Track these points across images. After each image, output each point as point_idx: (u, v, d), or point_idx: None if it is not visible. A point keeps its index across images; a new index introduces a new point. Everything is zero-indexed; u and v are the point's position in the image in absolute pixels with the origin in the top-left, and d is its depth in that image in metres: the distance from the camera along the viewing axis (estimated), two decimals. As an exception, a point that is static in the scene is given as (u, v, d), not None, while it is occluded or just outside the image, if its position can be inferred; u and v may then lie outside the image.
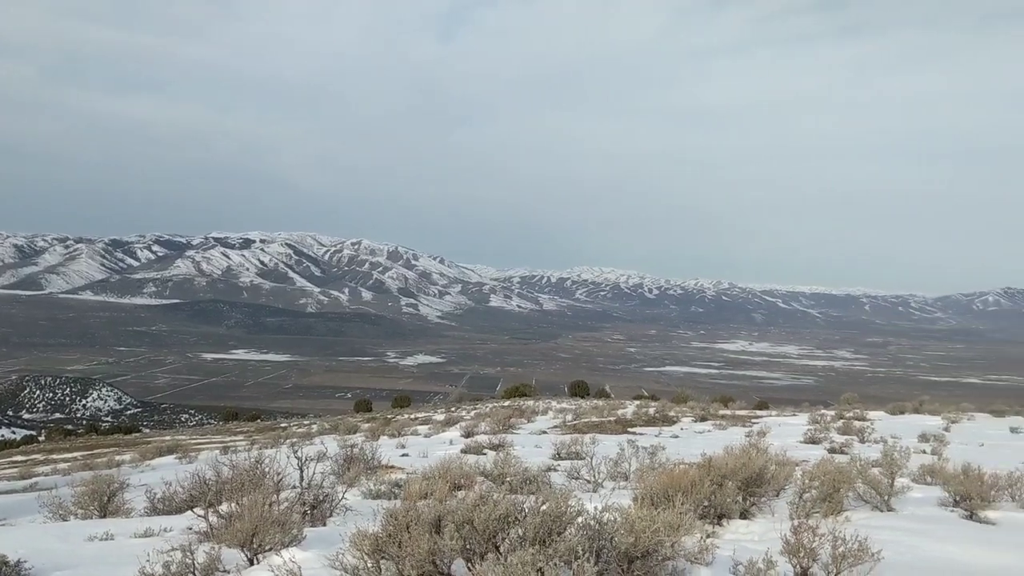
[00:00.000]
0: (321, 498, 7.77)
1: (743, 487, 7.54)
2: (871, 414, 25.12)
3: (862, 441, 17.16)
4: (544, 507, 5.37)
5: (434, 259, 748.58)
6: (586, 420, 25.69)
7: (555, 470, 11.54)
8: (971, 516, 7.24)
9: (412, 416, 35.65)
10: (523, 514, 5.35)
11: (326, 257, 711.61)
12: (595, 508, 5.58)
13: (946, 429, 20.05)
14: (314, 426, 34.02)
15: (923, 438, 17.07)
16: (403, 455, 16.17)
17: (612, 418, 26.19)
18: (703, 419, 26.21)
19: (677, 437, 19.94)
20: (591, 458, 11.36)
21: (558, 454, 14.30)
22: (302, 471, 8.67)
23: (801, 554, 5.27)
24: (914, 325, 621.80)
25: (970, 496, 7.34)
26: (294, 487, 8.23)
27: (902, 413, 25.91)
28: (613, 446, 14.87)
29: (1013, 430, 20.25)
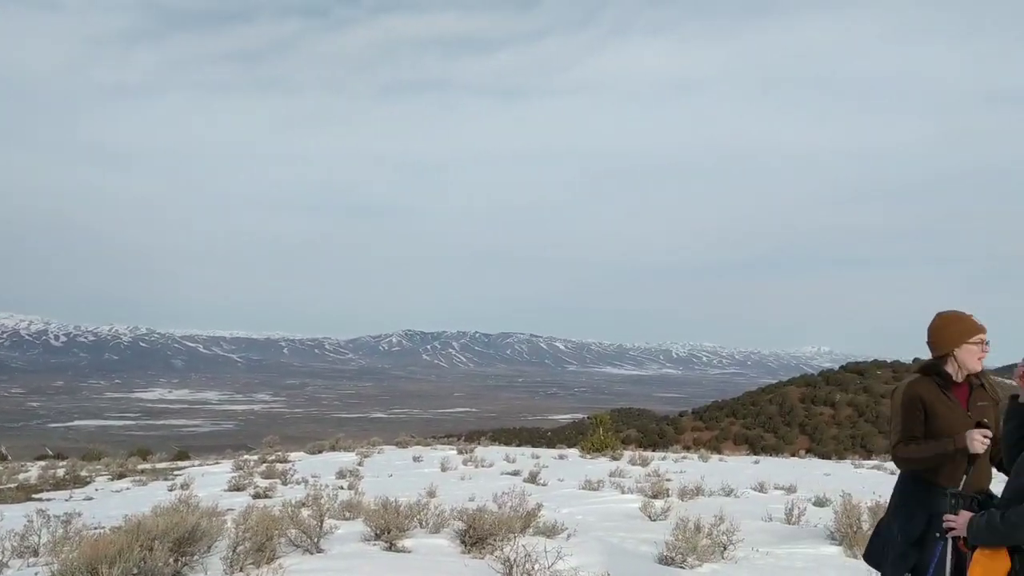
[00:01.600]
0: None
1: (175, 548, 7.21)
2: (292, 455, 26.02)
3: (285, 483, 17.66)
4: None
5: None
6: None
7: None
8: (391, 547, 7.94)
9: None
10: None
11: None
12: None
13: (360, 464, 21.71)
14: None
15: (341, 474, 18.24)
16: None
17: (13, 484, 22.95)
18: (121, 476, 24.44)
19: (92, 499, 18.27)
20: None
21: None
22: None
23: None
24: (329, 366, 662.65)
25: (388, 528, 8.05)
26: None
27: (321, 452, 27.32)
28: (18, 517, 13.05)
29: (415, 459, 22.79)
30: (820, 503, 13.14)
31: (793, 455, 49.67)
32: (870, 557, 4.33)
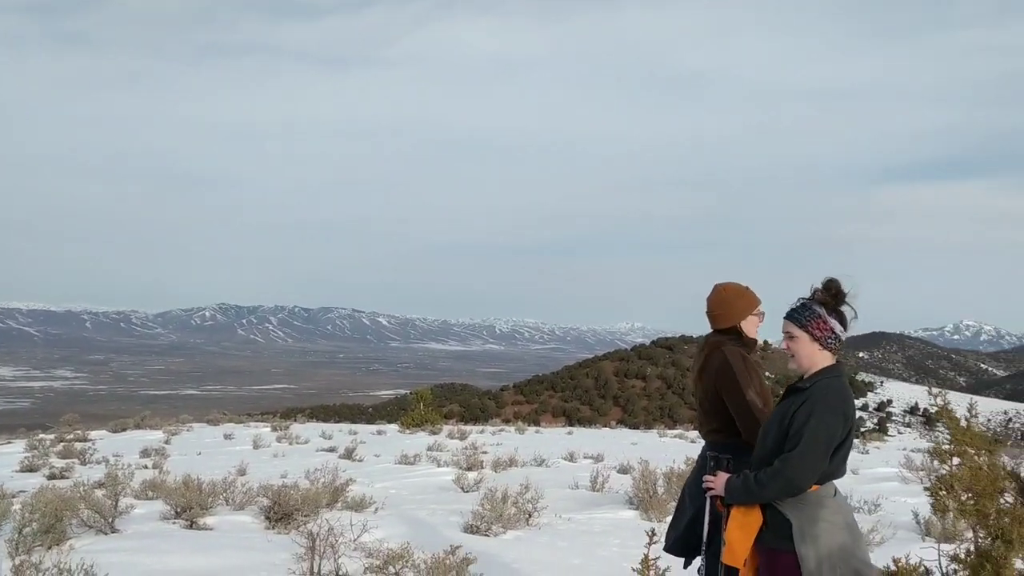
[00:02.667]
0: None
1: (-53, 535, 6.68)
2: (93, 434, 24.50)
3: (84, 463, 16.65)
4: None
5: None
6: None
7: None
8: (191, 525, 7.69)
9: None
10: None
11: None
12: None
13: (167, 442, 20.77)
14: None
15: (145, 453, 17.39)
16: None
17: None
18: None
19: None
20: None
21: None
22: None
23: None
24: (136, 341, 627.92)
25: (190, 506, 7.79)
26: None
27: (124, 430, 25.90)
28: None
29: (227, 436, 22.06)
30: (624, 470, 13.83)
31: (605, 426, 52.02)
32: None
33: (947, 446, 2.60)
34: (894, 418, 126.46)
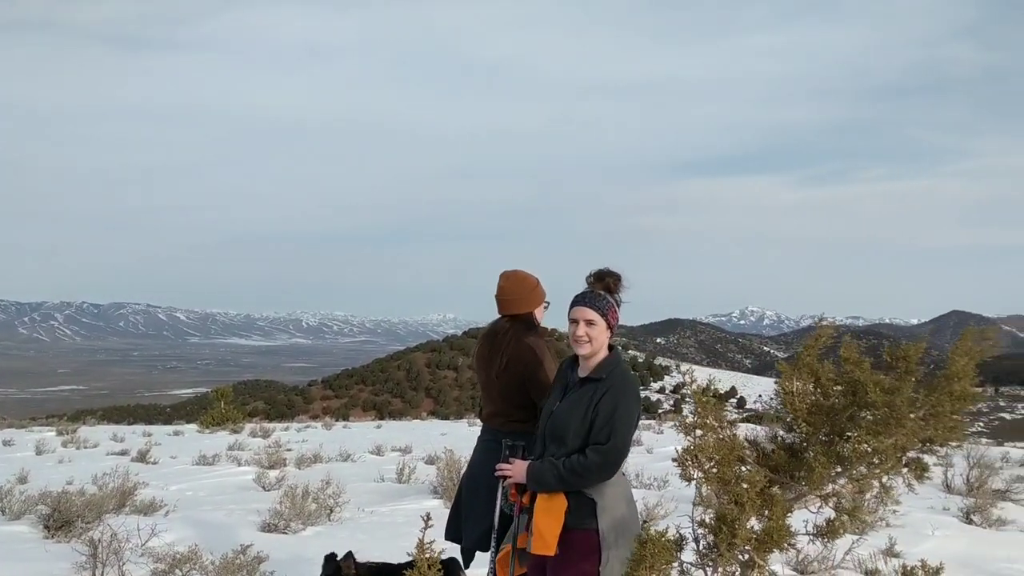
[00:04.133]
0: None
1: None
2: None
3: None
4: None
5: None
6: None
7: None
8: (-44, 541, 7.05)
9: None
10: None
11: None
12: None
13: (-69, 454, 18.87)
14: None
15: (-96, 468, 15.73)
16: None
17: None
18: None
19: None
20: None
21: None
22: None
23: None
24: None
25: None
26: None
27: None
28: None
29: (6, 443, 20.30)
30: (431, 461, 13.95)
31: (417, 418, 52.14)
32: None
33: (691, 419, 2.86)
34: (688, 400, 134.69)
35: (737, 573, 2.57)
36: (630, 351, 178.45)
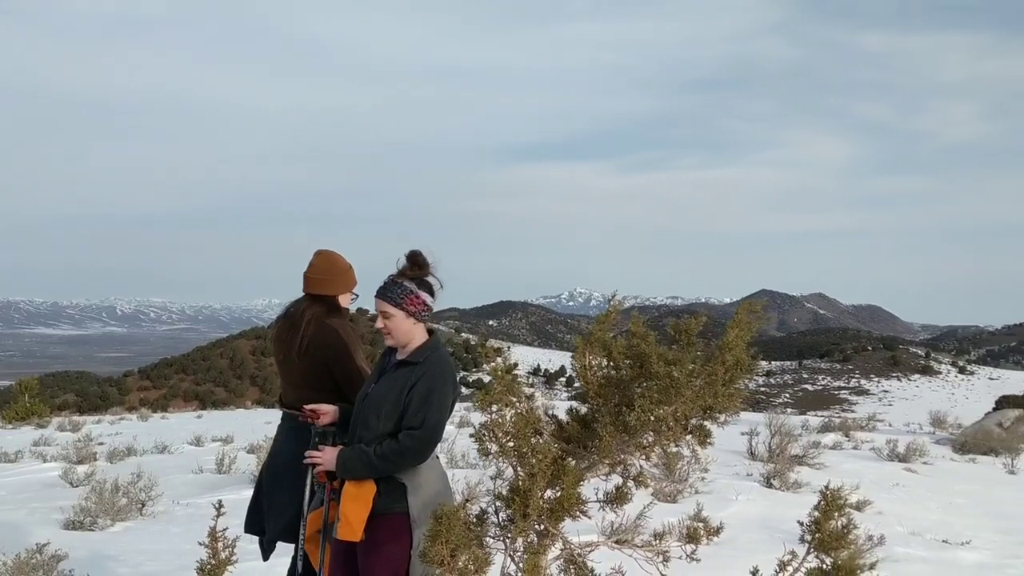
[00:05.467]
0: None
1: None
2: None
3: None
4: None
5: None
6: None
7: None
8: None
9: None
10: None
11: None
12: None
13: None
14: None
15: None
16: None
17: None
18: None
19: None
20: None
21: None
22: None
23: None
24: None
25: None
26: None
27: None
28: None
29: None
30: (252, 450, 13.58)
31: (241, 407, 50.43)
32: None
33: (488, 396, 2.94)
34: (519, 380, 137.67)
35: (534, 542, 2.68)
36: (463, 334, 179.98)
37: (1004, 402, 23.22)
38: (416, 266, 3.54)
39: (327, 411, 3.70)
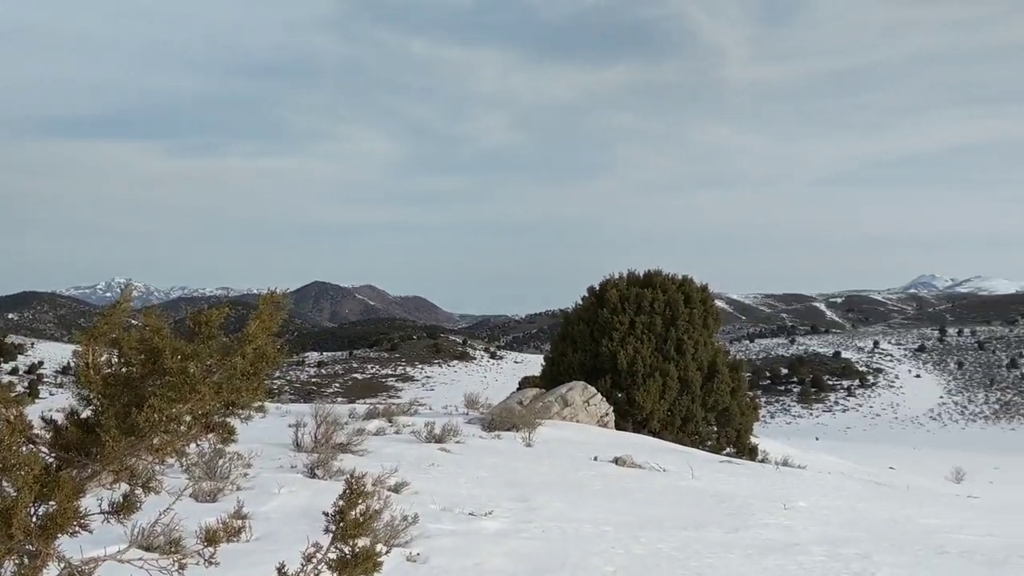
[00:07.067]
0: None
1: None
2: None
3: None
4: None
5: None
6: None
7: None
8: None
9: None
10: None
11: None
12: None
13: None
14: None
15: None
16: None
17: None
18: None
19: None
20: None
21: None
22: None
23: None
24: None
25: None
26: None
27: None
28: None
29: None
30: None
31: None
32: None
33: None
34: (46, 379, 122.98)
35: (25, 563, 2.33)
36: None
37: (525, 383, 26.11)
38: None
39: None
